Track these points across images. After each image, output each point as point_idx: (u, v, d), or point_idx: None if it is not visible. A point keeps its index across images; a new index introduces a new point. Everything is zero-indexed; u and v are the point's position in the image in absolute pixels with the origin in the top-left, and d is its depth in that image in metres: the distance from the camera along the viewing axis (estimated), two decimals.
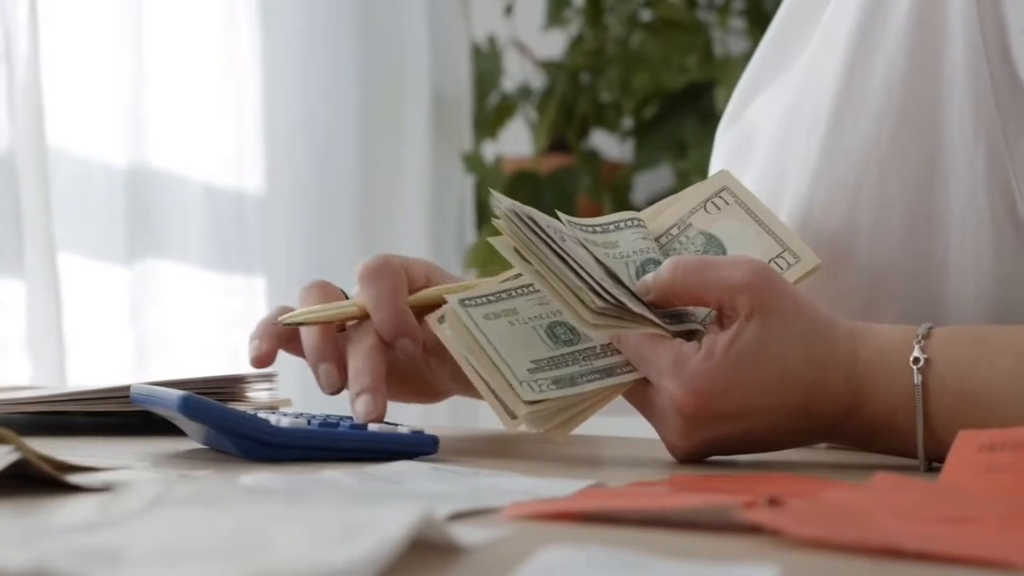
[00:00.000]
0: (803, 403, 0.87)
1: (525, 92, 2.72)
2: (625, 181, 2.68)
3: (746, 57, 2.60)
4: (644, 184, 2.74)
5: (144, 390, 0.90)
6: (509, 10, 2.68)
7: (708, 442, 0.88)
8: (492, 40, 2.70)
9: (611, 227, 0.94)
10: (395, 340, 0.95)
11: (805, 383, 0.87)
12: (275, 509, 0.50)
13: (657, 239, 0.95)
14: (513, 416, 0.88)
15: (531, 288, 0.91)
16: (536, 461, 0.90)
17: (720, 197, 0.96)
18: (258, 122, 2.17)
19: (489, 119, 2.69)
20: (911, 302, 0.98)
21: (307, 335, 0.97)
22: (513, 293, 0.91)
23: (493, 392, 0.88)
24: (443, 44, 2.57)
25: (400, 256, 0.99)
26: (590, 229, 0.94)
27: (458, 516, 0.62)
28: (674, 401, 0.86)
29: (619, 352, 0.89)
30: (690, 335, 0.89)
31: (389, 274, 0.96)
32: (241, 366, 2.08)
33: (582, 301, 0.86)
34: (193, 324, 2.03)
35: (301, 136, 2.27)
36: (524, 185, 2.58)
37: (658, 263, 0.92)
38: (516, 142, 2.73)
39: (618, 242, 0.93)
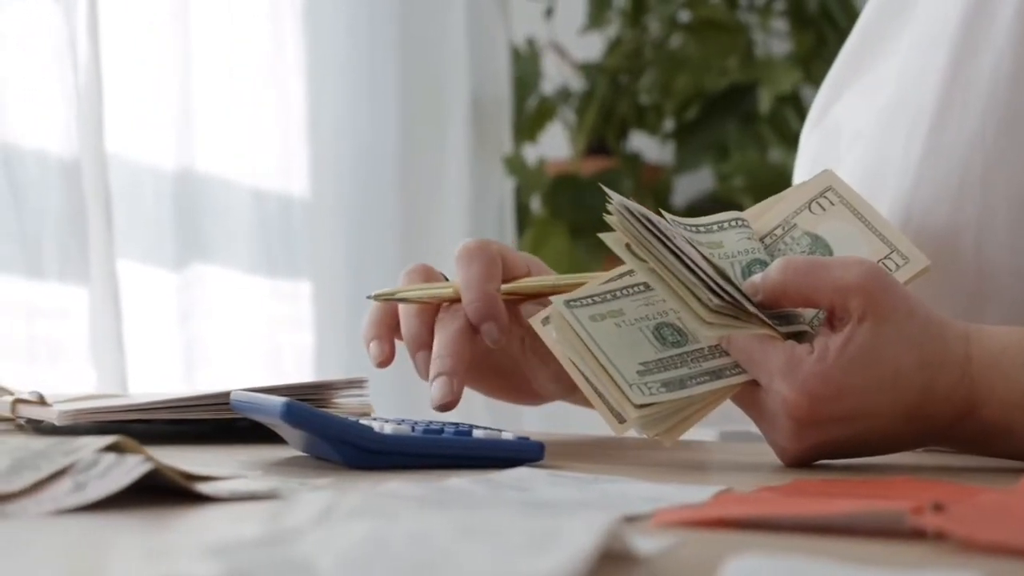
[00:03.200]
0: (916, 406, 0.85)
1: (564, 95, 2.70)
2: (665, 184, 2.66)
3: (788, 58, 2.59)
4: (684, 187, 2.72)
5: (244, 397, 0.88)
6: (550, 12, 2.66)
7: (818, 445, 0.86)
8: (531, 43, 2.68)
9: (715, 227, 0.92)
10: (481, 323, 0.94)
11: (918, 385, 0.85)
12: (450, 520, 0.48)
13: (761, 239, 0.93)
14: (621, 420, 0.86)
15: (636, 288, 0.90)
16: (642, 465, 0.88)
17: (825, 197, 0.94)
18: (303, 127, 2.16)
19: (528, 122, 2.67)
20: (1017, 302, 0.96)
21: (405, 321, 0.96)
22: (618, 294, 0.90)
23: (600, 395, 0.87)
24: (482, 47, 2.55)
25: (502, 244, 0.98)
26: (694, 229, 0.92)
27: None
28: (786, 403, 0.84)
29: (727, 354, 0.87)
30: (798, 337, 0.87)
31: (483, 258, 0.95)
32: (285, 370, 2.08)
33: (698, 299, 0.84)
34: (240, 328, 2.01)
35: (345, 140, 2.26)
36: (566, 188, 2.56)
37: (764, 264, 0.90)
38: (554, 145, 2.71)
39: (722, 242, 0.92)
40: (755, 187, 2.53)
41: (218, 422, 0.99)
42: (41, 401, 1.00)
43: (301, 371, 2.14)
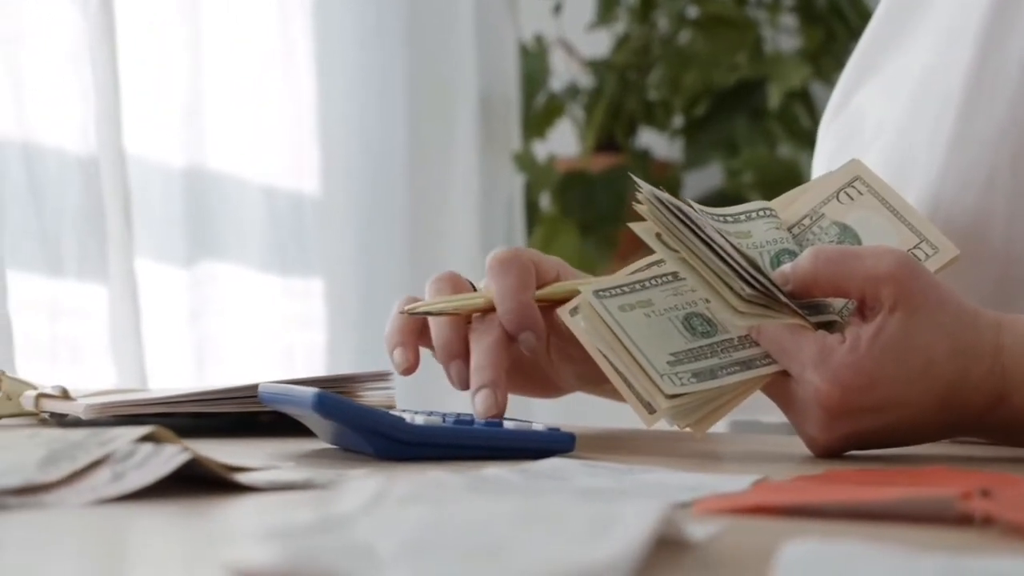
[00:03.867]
0: (947, 395, 0.85)
1: (572, 92, 2.69)
2: (675, 180, 2.66)
3: (797, 54, 2.59)
4: (693, 183, 2.72)
5: (273, 389, 0.88)
6: (558, 9, 2.66)
7: (849, 436, 0.86)
8: (539, 40, 2.67)
9: (743, 217, 0.92)
10: (519, 333, 0.93)
11: (949, 375, 0.85)
12: (505, 507, 0.48)
13: (789, 229, 0.93)
14: (651, 411, 0.85)
15: (665, 279, 0.89)
16: (672, 456, 0.88)
17: (853, 187, 0.94)
18: (312, 125, 2.16)
19: (537, 119, 2.66)
20: None
21: (437, 330, 0.95)
22: (647, 284, 0.89)
23: (629, 386, 0.86)
24: (491, 44, 2.55)
25: (532, 250, 0.97)
26: (722, 219, 0.91)
27: None
28: (818, 394, 0.84)
29: (757, 344, 0.86)
30: (828, 327, 0.86)
31: (517, 267, 0.94)
32: (297, 368, 2.07)
33: (731, 288, 0.84)
34: (251, 326, 2.01)
35: (354, 138, 2.26)
36: (575, 184, 2.56)
37: (793, 253, 0.90)
38: (563, 142, 2.70)
39: (750, 232, 0.91)
40: (764, 183, 2.53)
41: (240, 416, 0.98)
42: (64, 395, 1.00)
43: (313, 368, 2.13)
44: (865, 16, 2.62)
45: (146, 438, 0.67)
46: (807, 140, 2.61)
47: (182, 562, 0.49)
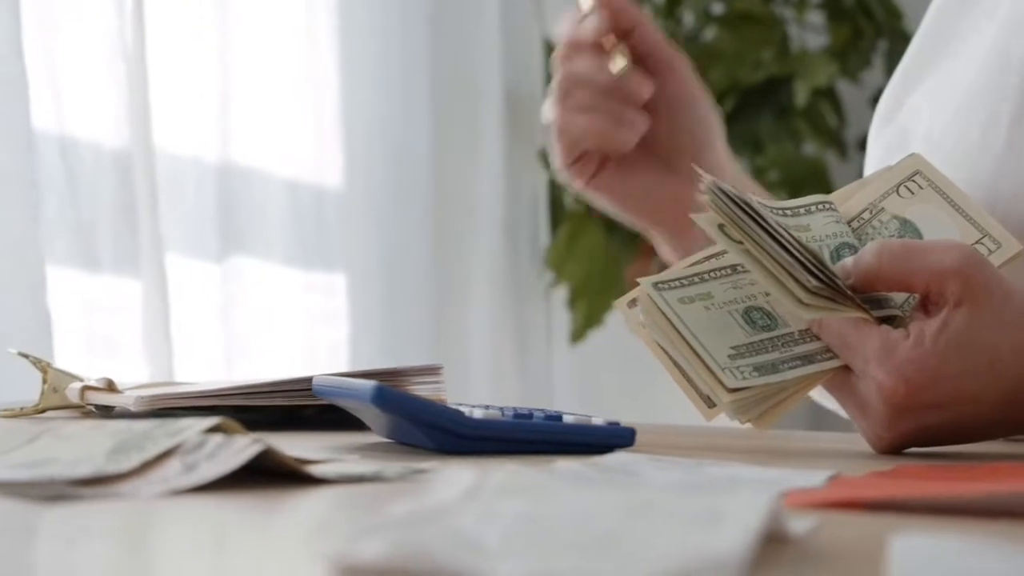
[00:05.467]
0: (1011, 391, 0.84)
1: None
2: None
3: (823, 51, 2.57)
4: None
5: (329, 382, 0.87)
6: None
7: (912, 432, 0.85)
8: None
9: (801, 210, 0.91)
10: None
11: (1014, 371, 0.84)
12: (604, 498, 0.47)
13: (848, 223, 0.92)
14: (711, 405, 0.84)
15: (724, 271, 0.88)
16: (731, 451, 0.87)
17: (913, 181, 0.93)
18: (337, 119, 2.15)
19: None
20: None
21: None
22: (706, 276, 0.88)
23: (689, 380, 0.85)
24: (516, 41, 2.54)
25: None
26: (780, 212, 0.90)
27: None
28: (881, 389, 0.83)
29: (817, 338, 0.85)
30: (889, 321, 0.85)
31: None
32: (321, 363, 2.06)
33: (796, 280, 0.83)
34: (275, 321, 2.00)
35: (379, 133, 2.25)
36: None
37: (853, 248, 0.89)
38: None
39: (810, 226, 0.90)
40: (790, 181, 2.52)
41: (283, 409, 0.97)
42: (110, 388, 0.99)
43: (336, 364, 2.12)
44: (892, 13, 2.61)
45: (214, 429, 0.65)
46: (833, 138, 2.59)
47: (280, 554, 0.48)
